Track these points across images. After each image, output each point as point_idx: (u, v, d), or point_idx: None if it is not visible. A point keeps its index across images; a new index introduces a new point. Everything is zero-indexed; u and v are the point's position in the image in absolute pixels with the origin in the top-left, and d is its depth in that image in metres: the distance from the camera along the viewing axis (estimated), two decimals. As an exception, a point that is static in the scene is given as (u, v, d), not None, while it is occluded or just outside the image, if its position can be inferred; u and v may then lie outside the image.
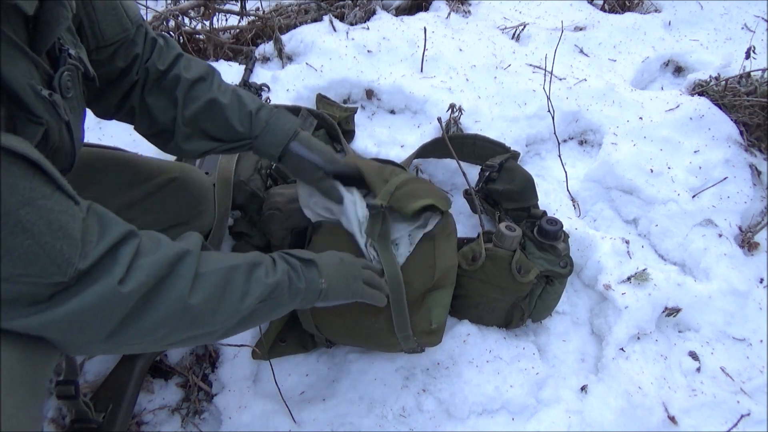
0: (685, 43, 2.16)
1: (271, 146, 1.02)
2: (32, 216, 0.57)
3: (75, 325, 0.64)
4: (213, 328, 0.77)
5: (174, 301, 0.70)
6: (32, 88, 0.64)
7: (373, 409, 1.20)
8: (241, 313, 0.79)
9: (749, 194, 1.62)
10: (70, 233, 0.62)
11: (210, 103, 0.97)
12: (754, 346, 1.39)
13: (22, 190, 0.57)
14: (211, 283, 0.75)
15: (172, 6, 1.95)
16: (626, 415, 1.22)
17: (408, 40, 1.90)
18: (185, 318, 0.72)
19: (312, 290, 0.91)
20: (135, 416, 1.15)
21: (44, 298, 0.61)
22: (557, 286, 1.28)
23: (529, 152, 1.74)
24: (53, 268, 0.60)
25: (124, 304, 0.66)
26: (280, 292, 0.84)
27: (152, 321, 0.69)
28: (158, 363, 1.22)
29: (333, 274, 0.95)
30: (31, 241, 0.57)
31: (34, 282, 0.60)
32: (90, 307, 0.63)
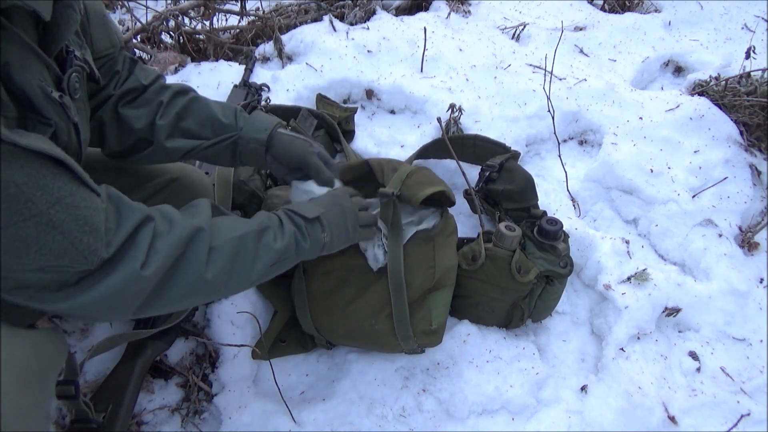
0: (685, 43, 2.16)
1: (258, 131, 1.02)
2: (61, 214, 0.61)
3: (104, 306, 0.69)
4: (225, 291, 0.83)
5: (192, 277, 0.76)
6: (42, 90, 0.65)
7: (373, 409, 1.20)
8: (251, 278, 0.85)
9: (749, 194, 1.62)
10: (95, 226, 0.66)
11: (192, 101, 1.00)
12: (754, 346, 1.39)
13: (52, 190, 0.60)
14: (224, 255, 0.80)
15: (172, 6, 1.95)
16: (626, 415, 1.22)
17: (408, 40, 1.90)
18: (203, 290, 0.78)
19: (315, 246, 0.94)
20: (135, 416, 1.15)
21: (72, 283, 0.66)
22: (557, 286, 1.28)
23: (529, 152, 1.74)
24: (81, 258, 0.64)
25: (146, 285, 0.71)
26: (288, 254, 0.89)
27: (173, 295, 0.75)
28: (158, 363, 1.22)
29: (335, 226, 0.97)
30: (61, 237, 0.61)
31: (63, 271, 0.64)
32: (116, 291, 0.68)
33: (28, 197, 0.58)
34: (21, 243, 0.59)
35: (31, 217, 0.58)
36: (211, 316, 1.25)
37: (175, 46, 1.92)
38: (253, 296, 1.30)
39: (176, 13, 1.89)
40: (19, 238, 0.58)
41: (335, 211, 0.98)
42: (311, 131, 1.54)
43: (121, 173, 1.06)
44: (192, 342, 1.26)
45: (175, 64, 1.77)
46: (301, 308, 1.20)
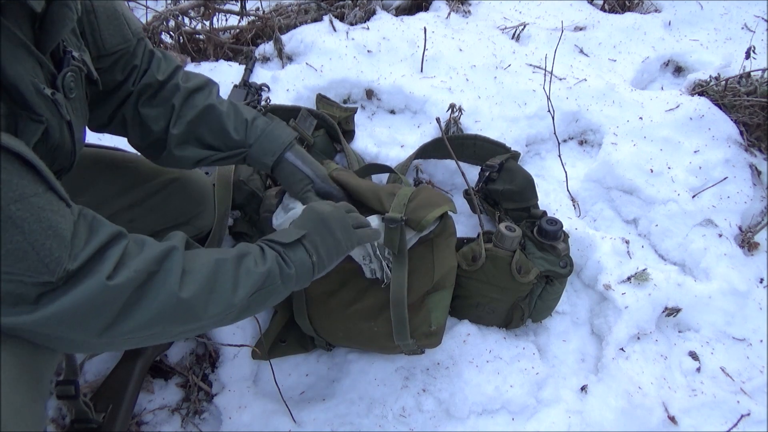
0: (685, 43, 2.16)
1: (265, 154, 1.00)
2: (23, 212, 0.57)
3: (67, 323, 0.64)
4: (209, 321, 0.76)
5: (165, 295, 0.70)
6: (35, 86, 0.65)
7: (373, 409, 1.20)
8: (235, 306, 0.78)
9: (749, 194, 1.62)
10: (60, 233, 0.62)
11: (207, 109, 0.97)
12: (754, 346, 1.39)
13: (15, 187, 0.57)
14: (201, 275, 0.75)
15: (172, 6, 1.95)
16: (626, 415, 1.22)
17: (408, 40, 1.89)
18: (178, 312, 0.72)
19: (304, 271, 0.87)
20: (135, 416, 1.15)
21: (30, 300, 0.61)
22: (557, 286, 1.28)
23: (529, 152, 1.74)
24: (41, 266, 0.60)
25: (114, 299, 0.66)
26: (272, 280, 0.82)
27: (146, 316, 0.69)
28: (158, 363, 1.22)
29: (321, 241, 0.90)
30: (20, 237, 0.57)
31: (20, 280, 0.59)
32: (81, 304, 0.63)
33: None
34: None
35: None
36: (211, 316, 1.25)
37: (175, 46, 1.92)
38: (253, 296, 1.29)
39: (176, 13, 1.89)
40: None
41: (316, 226, 0.91)
42: (311, 131, 1.54)
43: (120, 173, 1.06)
44: (192, 342, 1.26)
45: (175, 64, 1.77)
46: (299, 311, 1.20)
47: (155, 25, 1.87)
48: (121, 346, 0.73)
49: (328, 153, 1.58)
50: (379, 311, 1.14)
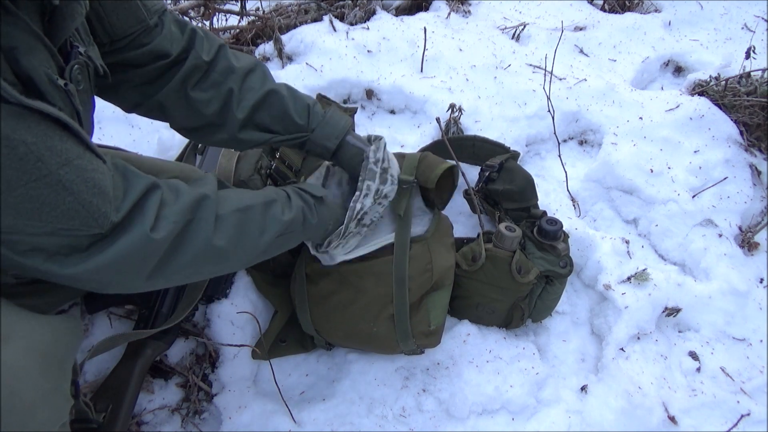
0: (685, 43, 2.16)
1: (328, 138, 1.04)
2: (71, 175, 0.62)
3: (115, 269, 0.69)
4: (235, 261, 0.84)
5: (201, 243, 0.77)
6: (48, 76, 0.66)
7: (373, 409, 1.20)
8: (259, 248, 0.86)
9: (749, 194, 1.62)
10: (104, 189, 0.66)
11: (268, 94, 0.98)
12: (754, 346, 1.39)
13: (60, 151, 0.61)
14: (231, 223, 0.81)
15: (172, 6, 1.95)
16: (626, 415, 1.22)
17: (408, 40, 1.89)
18: (212, 257, 0.79)
19: (321, 226, 0.96)
20: (135, 416, 1.15)
21: (83, 248, 0.67)
22: (557, 286, 1.28)
23: (529, 152, 1.74)
24: (92, 221, 0.65)
25: (157, 250, 0.72)
26: (295, 227, 0.90)
27: (184, 261, 0.76)
28: (158, 363, 1.22)
29: (334, 215, 1.00)
30: (71, 198, 0.62)
31: (74, 234, 0.65)
32: (127, 254, 0.69)
33: (38, 157, 0.58)
34: (33, 204, 0.59)
35: (41, 177, 0.59)
36: (211, 316, 1.25)
37: (175, 46, 1.92)
38: (253, 296, 1.30)
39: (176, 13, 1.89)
40: (32, 199, 0.59)
41: (336, 201, 1.03)
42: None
43: None
44: (192, 342, 1.26)
45: (175, 64, 1.77)
46: (302, 309, 1.20)
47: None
48: (163, 285, 0.80)
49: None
50: (379, 311, 1.14)
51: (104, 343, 0.95)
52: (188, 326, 1.25)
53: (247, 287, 1.29)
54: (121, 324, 1.24)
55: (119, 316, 1.24)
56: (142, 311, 1.15)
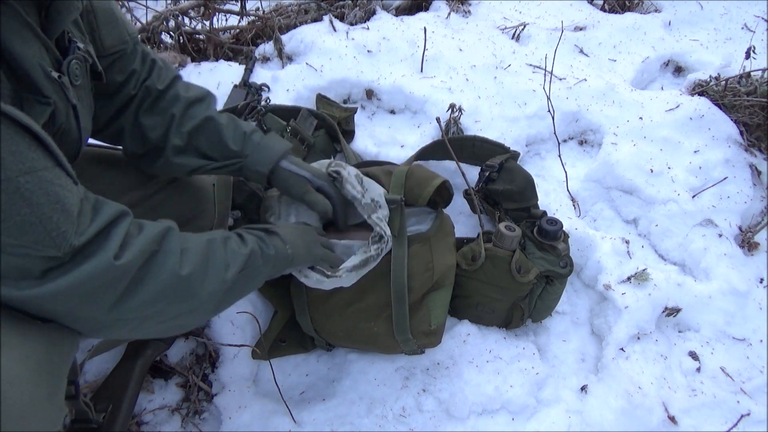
0: (685, 43, 2.16)
1: (262, 163, 1.03)
2: (32, 185, 0.58)
3: (76, 298, 0.65)
4: (202, 300, 0.79)
5: (168, 273, 0.73)
6: (42, 68, 0.66)
7: (373, 409, 1.20)
8: (226, 283, 0.82)
9: (749, 194, 1.62)
10: (68, 208, 0.62)
11: (206, 121, 0.99)
12: (754, 346, 1.39)
13: (24, 159, 0.57)
14: (196, 254, 0.78)
15: (172, 6, 1.95)
16: (626, 415, 1.22)
17: (408, 40, 1.89)
18: (179, 289, 0.75)
19: (281, 257, 0.93)
20: (135, 416, 1.15)
21: (36, 274, 0.62)
22: (557, 286, 1.28)
23: (529, 152, 1.74)
24: (48, 240, 0.60)
25: (120, 277, 0.68)
26: (254, 260, 0.87)
27: (150, 293, 0.71)
28: (158, 363, 1.22)
29: (294, 240, 0.97)
30: (28, 210, 0.58)
31: (26, 254, 0.60)
32: (89, 280, 0.65)
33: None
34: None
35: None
36: (211, 316, 1.25)
37: (175, 46, 1.92)
38: (253, 296, 1.30)
39: (176, 13, 1.89)
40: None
41: (291, 228, 1.01)
42: (311, 131, 1.54)
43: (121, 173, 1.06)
44: (192, 342, 1.26)
45: (175, 64, 1.77)
46: (301, 310, 1.20)
47: (155, 25, 1.87)
48: (124, 330, 0.74)
49: (328, 153, 1.58)
50: (379, 311, 1.14)
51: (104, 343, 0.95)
52: (188, 326, 1.25)
53: (247, 287, 1.29)
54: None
55: (119, 316, 1.24)
56: (142, 311, 1.15)
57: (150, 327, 0.76)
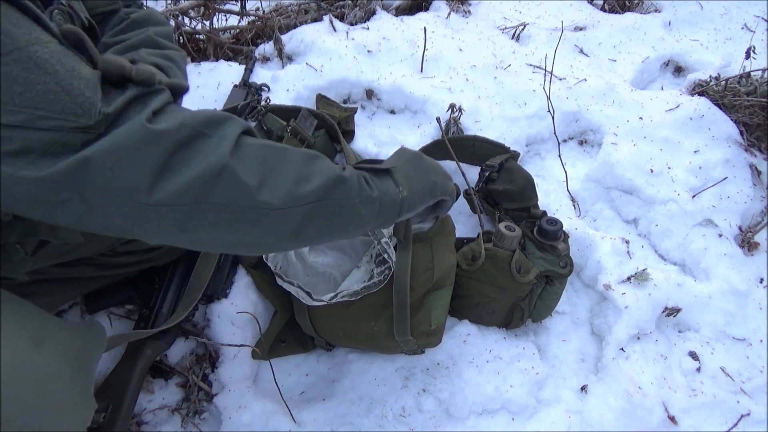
0: (685, 43, 2.16)
1: None
2: (44, 54, 0.56)
3: (111, 165, 0.59)
4: (262, 209, 0.65)
5: (215, 158, 0.62)
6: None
7: (373, 409, 1.20)
8: (298, 200, 0.67)
9: (749, 194, 1.62)
10: (86, 75, 0.59)
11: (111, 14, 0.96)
12: (754, 346, 1.39)
13: (30, 31, 0.55)
14: (259, 152, 0.67)
15: (172, 6, 1.95)
16: (626, 415, 1.22)
17: (408, 40, 1.89)
18: (226, 181, 0.63)
19: (389, 201, 0.79)
20: (135, 416, 1.15)
21: (76, 148, 0.58)
22: (557, 286, 1.28)
23: (529, 152, 1.74)
24: (76, 107, 0.57)
25: (157, 144, 0.60)
26: (347, 192, 0.72)
27: (190, 176, 0.61)
28: (158, 363, 1.22)
29: (414, 176, 0.84)
30: (47, 78, 0.55)
31: (60, 126, 0.56)
32: (123, 144, 0.59)
33: (4, 31, 0.52)
34: (3, 82, 0.53)
35: (8, 52, 0.53)
36: (211, 316, 1.25)
37: (175, 46, 1.92)
38: (253, 296, 1.30)
39: (176, 13, 1.89)
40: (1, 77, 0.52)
41: (409, 162, 0.85)
42: (311, 131, 1.54)
43: None
44: (192, 342, 1.26)
45: (175, 64, 1.77)
46: (301, 310, 1.20)
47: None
48: (174, 226, 0.63)
49: (329, 153, 1.58)
50: (379, 311, 1.14)
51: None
52: (188, 326, 1.25)
53: (247, 287, 1.29)
54: (121, 324, 1.24)
55: (119, 316, 1.24)
56: (142, 311, 1.15)
57: (207, 233, 0.65)
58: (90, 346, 0.70)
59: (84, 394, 0.68)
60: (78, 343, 0.67)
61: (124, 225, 0.63)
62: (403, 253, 1.12)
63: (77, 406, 0.66)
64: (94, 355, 0.72)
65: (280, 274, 1.13)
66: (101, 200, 0.60)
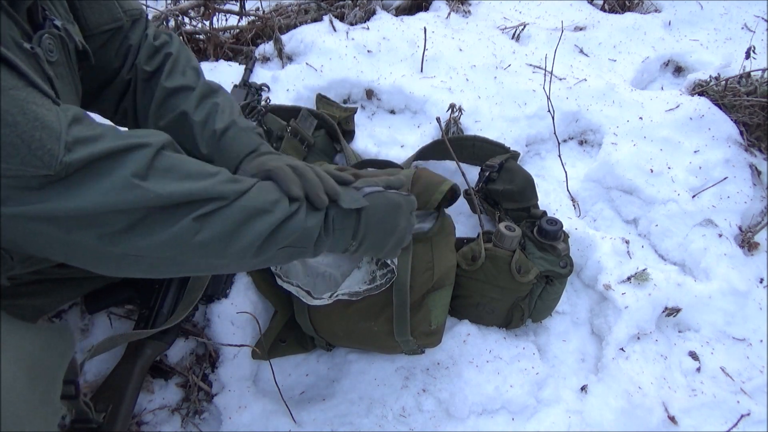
0: (685, 43, 2.16)
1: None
2: (5, 104, 0.55)
3: (78, 218, 0.62)
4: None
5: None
6: (14, 39, 0.64)
7: (373, 409, 1.20)
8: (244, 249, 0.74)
9: (749, 194, 1.62)
10: (49, 124, 0.59)
11: (181, 116, 0.94)
12: (754, 346, 1.39)
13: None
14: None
15: (172, 6, 1.95)
16: (626, 415, 1.22)
17: (408, 40, 1.89)
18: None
19: (340, 248, 0.85)
20: (135, 416, 1.15)
21: (34, 186, 0.59)
22: (557, 286, 1.28)
23: (529, 152, 1.74)
24: (35, 160, 0.57)
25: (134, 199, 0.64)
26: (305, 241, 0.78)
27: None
28: (158, 363, 1.22)
29: (375, 231, 0.88)
30: (7, 130, 0.55)
31: (21, 174, 0.57)
32: (97, 200, 0.61)
33: None
34: None
35: None
36: (211, 316, 1.25)
37: (175, 46, 1.92)
38: (253, 296, 1.30)
39: (176, 13, 1.89)
40: None
41: (382, 209, 0.89)
42: (311, 131, 1.54)
43: None
44: (192, 342, 1.26)
45: (175, 64, 1.77)
46: (300, 310, 1.20)
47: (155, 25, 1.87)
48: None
49: (328, 153, 1.58)
50: (379, 311, 1.14)
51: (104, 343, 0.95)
52: (188, 326, 1.25)
53: (247, 287, 1.29)
54: (121, 324, 1.24)
55: (119, 316, 1.24)
56: (142, 311, 1.15)
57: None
58: (52, 351, 0.67)
59: (45, 402, 0.65)
60: (37, 348, 0.64)
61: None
62: (403, 253, 1.12)
63: (37, 415, 0.62)
64: (57, 359, 0.68)
65: (279, 274, 1.13)
66: (68, 240, 0.63)
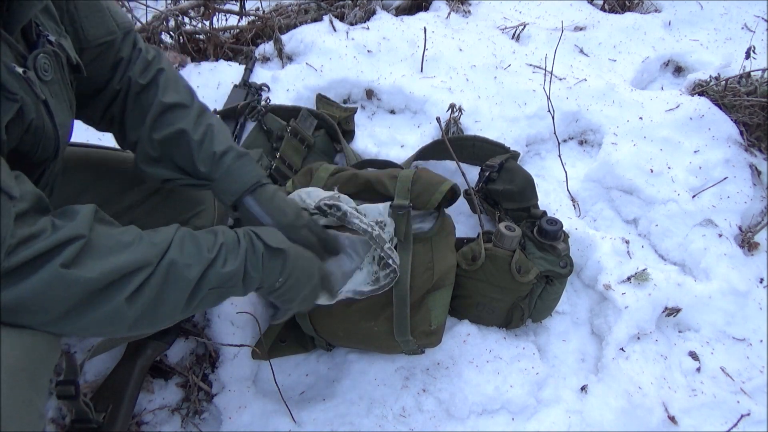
0: (685, 43, 2.16)
1: (225, 193, 0.96)
2: None
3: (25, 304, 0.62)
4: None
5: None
6: (5, 64, 0.64)
7: (373, 409, 1.20)
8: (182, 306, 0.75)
9: (749, 194, 1.62)
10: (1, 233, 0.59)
11: (180, 133, 0.93)
12: (754, 346, 1.39)
13: None
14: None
15: (172, 6, 1.95)
16: (626, 415, 1.22)
17: (408, 40, 1.89)
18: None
19: (267, 283, 0.86)
20: (135, 416, 1.15)
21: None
22: (557, 286, 1.28)
23: (529, 152, 1.74)
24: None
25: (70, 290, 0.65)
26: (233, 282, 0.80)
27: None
28: (158, 363, 1.22)
29: (299, 270, 0.90)
30: None
31: None
32: (35, 290, 0.62)
33: None
34: None
35: None
36: (211, 316, 1.25)
37: (175, 46, 1.92)
38: (253, 296, 1.30)
39: (176, 12, 1.89)
40: None
41: (303, 256, 0.92)
42: (311, 131, 1.54)
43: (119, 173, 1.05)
44: (192, 342, 1.26)
45: (175, 64, 1.77)
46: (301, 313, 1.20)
47: (155, 25, 1.87)
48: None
49: (328, 153, 1.58)
50: (379, 311, 1.14)
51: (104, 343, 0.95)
52: (188, 326, 1.25)
53: (247, 287, 1.29)
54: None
55: (119, 316, 1.24)
56: (142, 311, 1.15)
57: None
58: (35, 356, 0.66)
59: (27, 407, 0.64)
60: (18, 353, 0.63)
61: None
62: (403, 253, 1.12)
63: (18, 420, 0.62)
64: (41, 364, 0.67)
65: None
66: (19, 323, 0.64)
